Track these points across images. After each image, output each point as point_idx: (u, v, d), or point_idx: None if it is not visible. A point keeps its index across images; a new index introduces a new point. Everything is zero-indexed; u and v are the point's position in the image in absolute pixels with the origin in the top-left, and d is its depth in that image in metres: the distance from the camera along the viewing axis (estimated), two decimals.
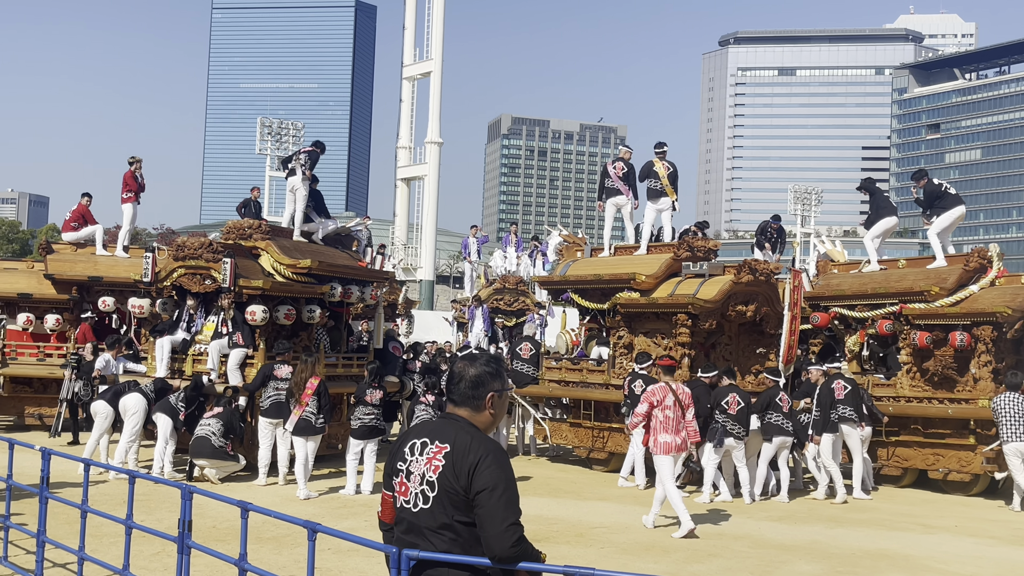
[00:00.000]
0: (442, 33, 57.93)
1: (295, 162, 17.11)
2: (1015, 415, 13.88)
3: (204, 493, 6.97)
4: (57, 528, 9.47)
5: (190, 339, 15.97)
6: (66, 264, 20.20)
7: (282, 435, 14.20)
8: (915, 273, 16.73)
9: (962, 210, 17.30)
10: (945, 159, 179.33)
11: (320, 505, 12.84)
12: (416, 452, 4.20)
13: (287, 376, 14.21)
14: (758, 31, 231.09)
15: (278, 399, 14.13)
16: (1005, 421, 13.94)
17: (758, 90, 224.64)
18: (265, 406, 14.18)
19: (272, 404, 14.13)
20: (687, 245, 16.21)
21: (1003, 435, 13.98)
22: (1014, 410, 13.91)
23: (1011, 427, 13.88)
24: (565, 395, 17.44)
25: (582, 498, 14.17)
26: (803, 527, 12.52)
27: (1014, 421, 13.87)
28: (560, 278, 17.93)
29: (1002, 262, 16.24)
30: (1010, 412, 13.92)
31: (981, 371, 15.42)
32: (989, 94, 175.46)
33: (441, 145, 57.87)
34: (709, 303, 15.25)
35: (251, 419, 14.90)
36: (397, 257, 48.87)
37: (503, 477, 4.04)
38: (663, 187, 17.33)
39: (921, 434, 15.77)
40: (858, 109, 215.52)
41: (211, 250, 15.32)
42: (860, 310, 16.83)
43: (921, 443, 15.77)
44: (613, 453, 16.56)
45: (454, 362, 4.48)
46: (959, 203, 17.24)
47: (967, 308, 15.49)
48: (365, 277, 17.58)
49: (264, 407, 14.19)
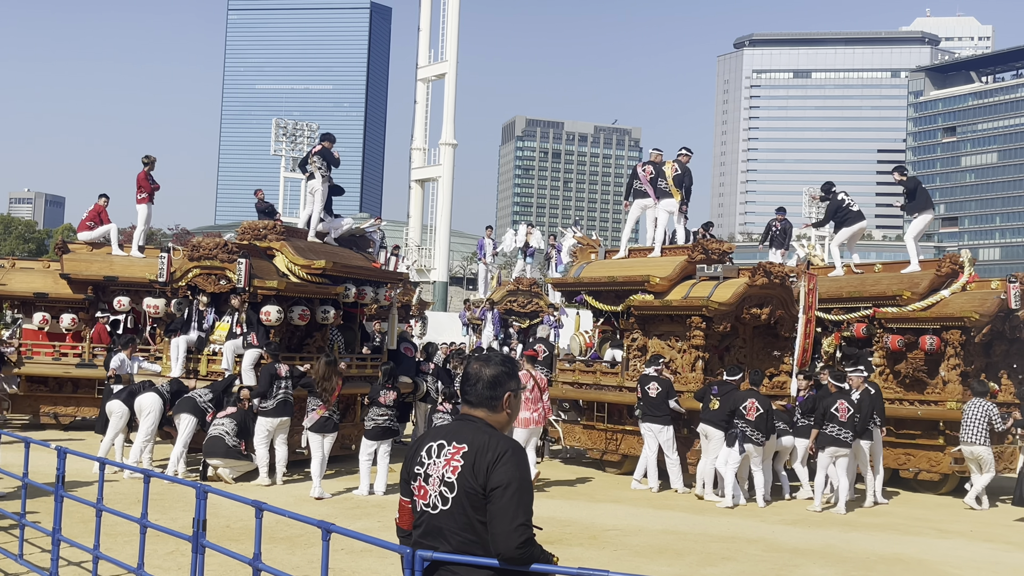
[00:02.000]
0: (457, 35, 58.01)
1: (311, 165, 17.13)
2: (977, 419, 14.55)
3: (218, 492, 6.98)
4: (72, 527, 9.50)
5: (205, 338, 16.02)
6: (82, 264, 20.29)
7: (282, 435, 14.26)
8: (889, 278, 17.13)
9: (929, 217, 17.81)
10: (961, 162, 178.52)
11: (333, 505, 12.86)
12: (433, 455, 4.16)
13: (287, 375, 14.27)
14: (773, 33, 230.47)
15: (284, 399, 14.18)
16: (965, 423, 14.64)
17: (773, 92, 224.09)
18: (270, 407, 14.13)
19: (278, 404, 14.15)
20: (701, 247, 16.18)
21: (961, 436, 14.70)
22: (977, 415, 14.57)
23: (969, 430, 14.58)
24: (579, 397, 17.42)
25: (595, 500, 14.14)
26: (817, 531, 12.47)
27: (974, 425, 14.55)
28: (574, 280, 17.92)
29: (973, 267, 16.75)
30: (972, 416, 14.60)
31: (950, 374, 15.89)
32: (1006, 97, 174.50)
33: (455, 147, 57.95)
34: (723, 306, 15.22)
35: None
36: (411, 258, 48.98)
37: (518, 476, 4.00)
38: (668, 187, 17.36)
39: (893, 434, 15.99)
40: (874, 112, 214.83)
41: (226, 250, 15.37)
42: (836, 313, 17.11)
43: (893, 443, 16.02)
44: (626, 455, 16.54)
45: (468, 364, 4.45)
46: (929, 208, 17.73)
47: (937, 312, 15.96)
48: (379, 278, 17.61)
49: (269, 407, 14.12)
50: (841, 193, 18.32)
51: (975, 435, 14.52)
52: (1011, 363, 16.62)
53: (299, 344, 16.30)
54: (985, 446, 14.51)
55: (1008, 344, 16.41)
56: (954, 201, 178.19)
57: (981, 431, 14.49)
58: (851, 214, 18.03)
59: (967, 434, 14.59)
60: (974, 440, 14.52)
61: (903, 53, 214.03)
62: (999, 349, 16.33)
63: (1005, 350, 16.46)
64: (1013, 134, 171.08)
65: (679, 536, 11.66)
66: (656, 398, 14.84)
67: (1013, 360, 16.68)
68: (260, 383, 14.31)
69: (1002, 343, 16.30)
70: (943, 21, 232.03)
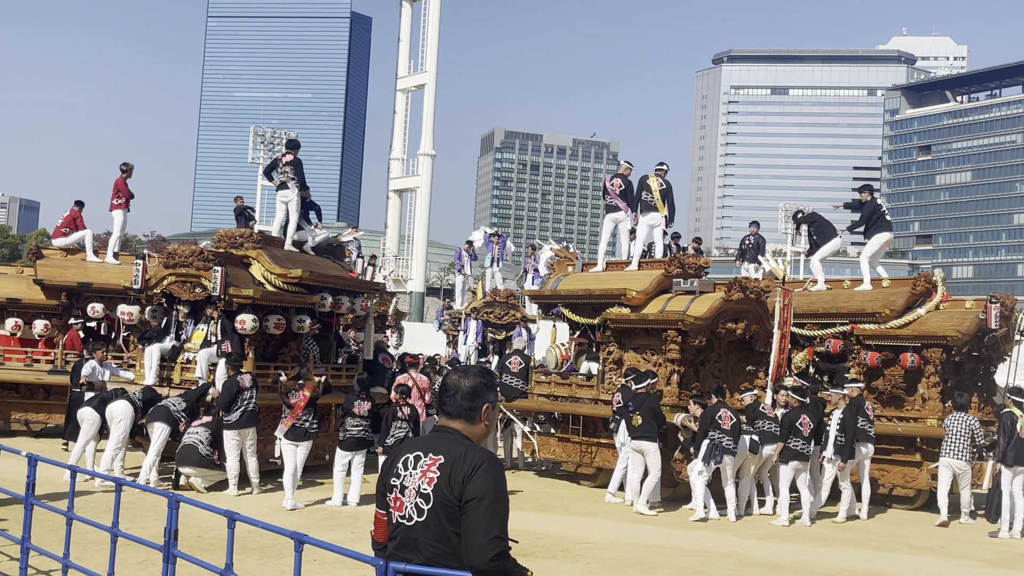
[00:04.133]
0: (437, 46, 58.05)
1: (283, 175, 17.03)
2: (960, 434, 14.65)
3: (190, 502, 6.95)
4: (42, 535, 9.41)
5: (179, 347, 15.92)
6: (56, 270, 20.13)
7: (250, 445, 14.18)
8: (863, 295, 17.23)
9: (887, 237, 17.84)
10: (936, 180, 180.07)
11: (306, 516, 12.80)
12: (409, 466, 4.15)
13: (251, 385, 14.18)
14: (752, 50, 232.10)
15: (247, 409, 14.08)
16: (949, 438, 14.71)
17: (751, 108, 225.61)
18: (234, 418, 13.99)
19: (242, 415, 14.03)
20: (678, 262, 16.24)
21: (943, 449, 14.77)
22: (960, 429, 14.67)
23: (952, 444, 14.67)
24: (554, 409, 17.42)
25: (569, 513, 14.14)
26: (789, 546, 12.51)
27: (957, 440, 14.64)
28: (551, 292, 17.94)
29: (945, 286, 16.99)
30: (956, 431, 14.70)
31: (930, 391, 16.04)
32: (980, 117, 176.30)
33: (434, 157, 57.95)
34: (699, 320, 15.27)
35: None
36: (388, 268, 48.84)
37: (493, 488, 3.99)
38: (654, 201, 17.40)
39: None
40: (850, 129, 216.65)
41: (202, 258, 15.30)
42: (810, 328, 17.13)
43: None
44: (601, 468, 16.54)
45: (447, 375, 4.44)
46: (887, 229, 17.75)
47: (918, 330, 16.09)
48: (356, 288, 17.58)
49: (232, 420, 13.98)
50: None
51: (958, 450, 14.59)
52: (977, 381, 16.78)
53: (274, 353, 16.22)
54: (967, 461, 14.62)
55: (976, 363, 16.58)
56: (928, 219, 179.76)
57: (964, 446, 14.58)
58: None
59: (949, 447, 14.66)
60: (957, 455, 14.59)
61: (879, 71, 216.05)
62: (968, 368, 16.49)
63: (973, 368, 16.63)
64: (987, 153, 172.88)
65: (652, 550, 11.67)
66: None
67: (980, 379, 16.85)
68: (222, 397, 14.16)
69: (971, 362, 16.45)
70: (919, 41, 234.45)
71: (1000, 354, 16.78)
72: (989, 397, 16.80)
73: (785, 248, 49.15)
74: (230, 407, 13.99)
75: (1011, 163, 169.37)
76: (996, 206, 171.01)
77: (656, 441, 14.30)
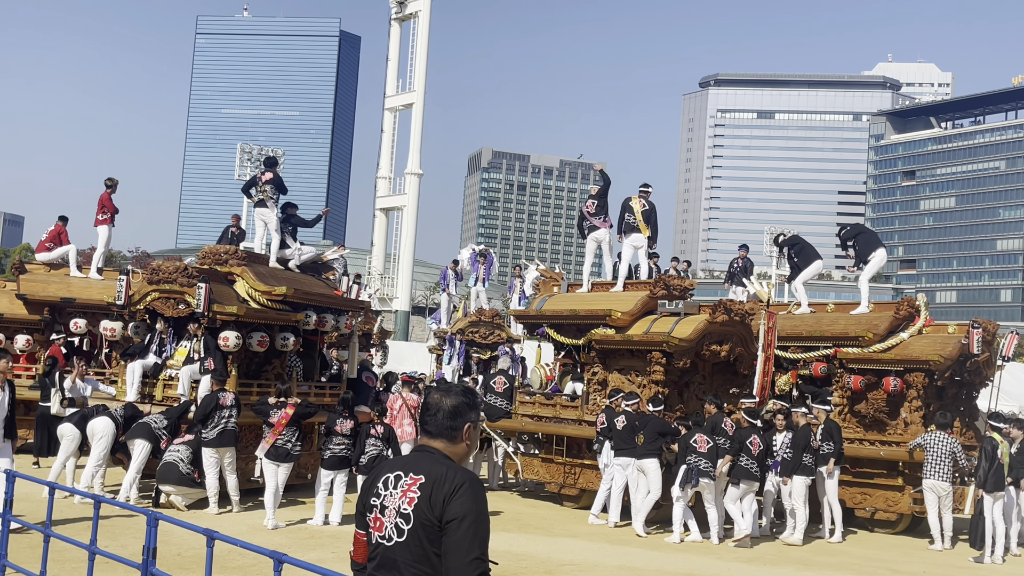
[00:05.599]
0: (425, 65, 58.17)
1: (261, 193, 16.98)
2: (941, 454, 14.58)
3: (170, 520, 6.89)
4: (19, 552, 9.31)
5: (161, 364, 15.84)
6: (39, 284, 20.03)
7: (229, 464, 14.08)
8: (846, 318, 17.28)
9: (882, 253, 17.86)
10: (920, 206, 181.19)
11: (287, 535, 12.71)
12: (390, 486, 4.11)
13: (232, 404, 14.10)
14: (738, 74, 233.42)
15: (225, 428, 13.99)
16: (931, 459, 14.65)
17: (737, 132, 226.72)
18: (211, 436, 13.89)
19: (219, 434, 13.93)
20: (663, 283, 16.27)
21: (926, 471, 14.68)
22: (941, 450, 14.61)
23: (934, 465, 14.62)
24: (538, 430, 17.39)
25: (552, 534, 14.09)
26: (772, 569, 12.49)
27: (938, 460, 14.59)
28: (536, 312, 17.93)
29: (928, 311, 17.08)
30: (936, 451, 14.63)
31: (912, 415, 16.06)
32: (964, 143, 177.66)
33: (421, 176, 57.97)
34: (684, 342, 15.29)
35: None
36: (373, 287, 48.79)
37: (474, 508, 3.96)
38: (637, 223, 17.43)
39: (849, 473, 16.11)
40: (835, 154, 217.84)
41: (186, 274, 15.24)
42: (793, 351, 17.16)
43: (849, 482, 16.10)
44: (584, 490, 16.50)
45: (429, 394, 4.41)
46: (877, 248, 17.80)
47: (900, 354, 16.13)
48: (340, 306, 17.53)
49: (210, 437, 13.89)
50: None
51: (940, 471, 14.55)
52: (959, 406, 16.82)
53: (257, 371, 16.15)
54: (949, 482, 14.58)
55: (958, 388, 16.63)
56: (912, 244, 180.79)
57: (946, 466, 14.53)
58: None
59: (931, 468, 14.62)
60: (940, 475, 14.54)
61: (865, 97, 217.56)
62: (951, 392, 16.54)
63: (955, 393, 16.67)
64: (971, 179, 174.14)
65: (635, 572, 11.63)
66: (623, 431, 14.84)
67: (962, 404, 16.89)
68: (200, 409, 14.09)
69: (953, 387, 16.50)
70: (904, 67, 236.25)
71: (982, 379, 16.84)
72: (971, 422, 16.85)
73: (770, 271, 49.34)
74: (206, 421, 13.91)
75: (994, 189, 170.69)
76: (979, 232, 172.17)
77: (658, 457, 14.42)
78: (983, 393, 17.56)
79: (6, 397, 11.38)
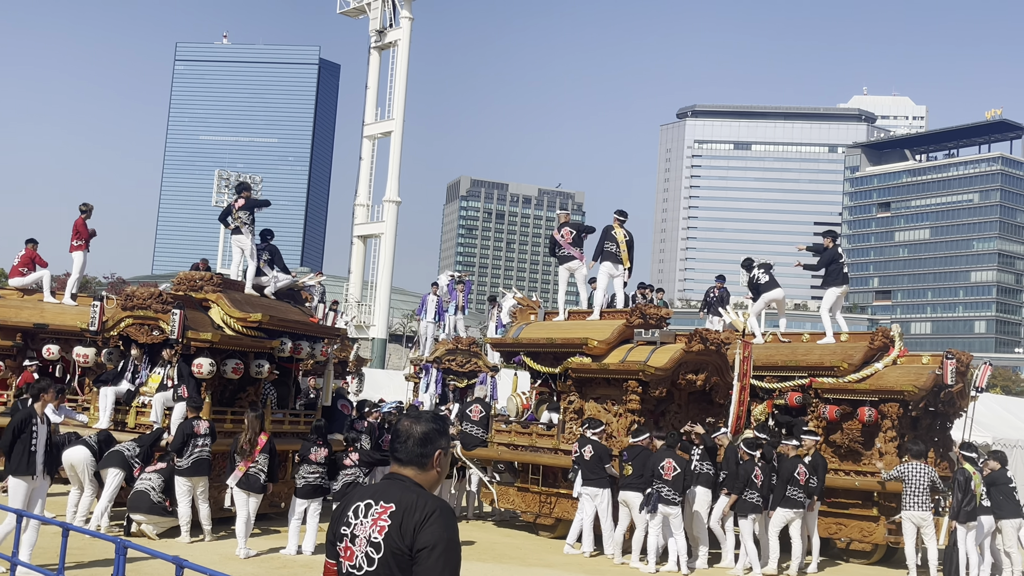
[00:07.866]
0: (404, 94, 58.33)
1: (236, 220, 16.90)
2: (920, 484, 14.43)
3: (139, 548, 6.81)
4: None
5: (134, 390, 15.70)
6: (11, 310, 19.83)
7: (201, 493, 13.92)
8: (822, 348, 17.37)
9: (843, 289, 18.10)
10: (895, 237, 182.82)
11: (259, 565, 12.59)
12: (360, 515, 4.08)
13: (207, 432, 13.97)
14: (715, 105, 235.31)
15: (200, 457, 13.84)
16: (908, 488, 14.49)
17: (714, 163, 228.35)
18: (186, 465, 13.73)
19: (194, 463, 13.78)
20: (639, 312, 16.30)
21: (904, 502, 14.55)
22: (919, 479, 14.45)
23: (912, 495, 14.45)
24: (514, 459, 17.33)
25: (527, 564, 14.02)
26: None
27: (917, 489, 14.42)
28: (513, 341, 17.92)
29: (903, 341, 17.14)
30: (915, 480, 14.47)
31: (887, 445, 16.06)
32: (938, 176, 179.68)
33: (399, 204, 57.98)
34: (660, 371, 15.30)
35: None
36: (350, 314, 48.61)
37: (445, 537, 3.93)
38: (620, 252, 17.47)
39: (825, 503, 16.00)
40: (811, 185, 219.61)
41: (160, 301, 15.15)
42: (769, 381, 17.19)
43: (823, 512, 15.97)
44: (560, 519, 16.44)
45: (399, 421, 4.39)
46: (844, 282, 18.07)
47: (875, 384, 16.17)
48: (316, 333, 17.45)
49: (185, 466, 13.73)
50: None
51: (919, 501, 14.40)
52: (933, 436, 16.89)
53: (231, 398, 16.04)
54: (929, 510, 14.42)
55: (932, 418, 16.71)
56: (887, 275, 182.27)
57: (925, 495, 14.37)
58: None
59: (910, 500, 14.46)
60: (919, 505, 14.38)
61: (840, 129, 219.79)
62: (925, 423, 16.60)
63: (929, 423, 16.75)
64: (945, 211, 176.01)
65: None
66: (590, 461, 14.79)
67: (936, 435, 16.97)
68: (175, 439, 13.96)
69: (927, 417, 16.58)
70: (879, 100, 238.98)
71: (956, 410, 16.91)
72: (945, 452, 16.90)
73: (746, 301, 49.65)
74: (181, 450, 13.78)
75: (968, 221, 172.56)
76: (954, 263, 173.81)
77: (643, 491, 14.12)
78: (957, 424, 17.62)
79: (47, 428, 11.38)
